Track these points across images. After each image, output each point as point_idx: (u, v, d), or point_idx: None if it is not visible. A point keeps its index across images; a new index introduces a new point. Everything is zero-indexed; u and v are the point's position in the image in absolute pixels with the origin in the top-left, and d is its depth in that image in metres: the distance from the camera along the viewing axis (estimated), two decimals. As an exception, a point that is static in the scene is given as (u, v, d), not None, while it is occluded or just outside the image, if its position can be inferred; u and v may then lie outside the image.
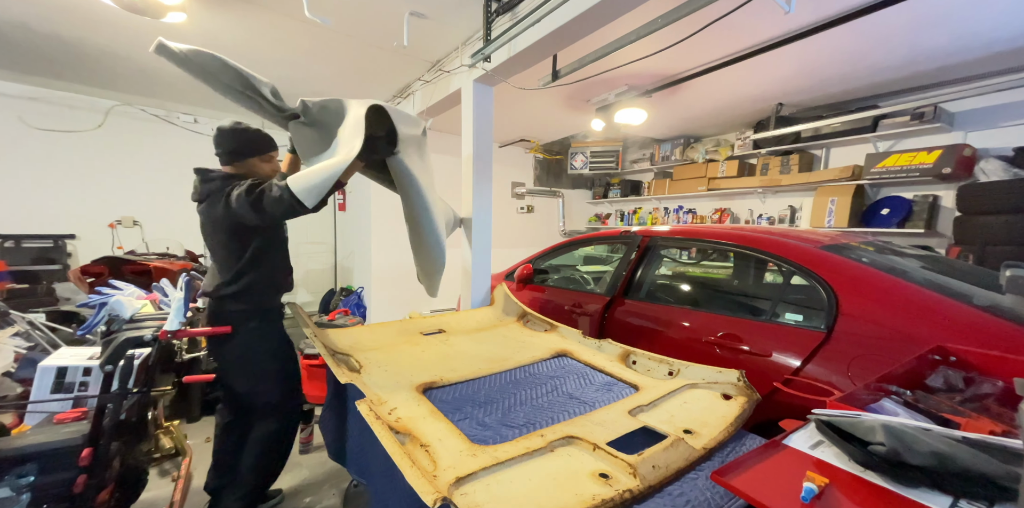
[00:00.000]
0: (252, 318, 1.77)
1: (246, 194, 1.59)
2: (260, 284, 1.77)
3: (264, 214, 1.59)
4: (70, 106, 4.18)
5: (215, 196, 1.67)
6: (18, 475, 1.27)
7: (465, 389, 1.51)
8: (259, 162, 1.83)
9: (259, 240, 1.75)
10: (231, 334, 1.71)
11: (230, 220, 1.66)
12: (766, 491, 0.71)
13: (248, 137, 1.79)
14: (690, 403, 1.39)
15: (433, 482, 0.93)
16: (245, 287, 1.73)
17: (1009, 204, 3.01)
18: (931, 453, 0.69)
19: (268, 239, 1.79)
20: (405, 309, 2.94)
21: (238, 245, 1.73)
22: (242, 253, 1.73)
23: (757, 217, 4.97)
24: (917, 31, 2.73)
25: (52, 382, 1.65)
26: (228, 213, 1.63)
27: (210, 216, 1.70)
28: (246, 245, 1.73)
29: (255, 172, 1.82)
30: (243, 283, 1.73)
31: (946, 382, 1.08)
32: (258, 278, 1.76)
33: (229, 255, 1.74)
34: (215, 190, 1.68)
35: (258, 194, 1.58)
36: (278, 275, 1.86)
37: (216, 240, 1.75)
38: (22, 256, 3.94)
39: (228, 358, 1.79)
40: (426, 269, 2.16)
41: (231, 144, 1.76)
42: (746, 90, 3.91)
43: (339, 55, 3.35)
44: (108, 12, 2.68)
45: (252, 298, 1.77)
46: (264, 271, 1.78)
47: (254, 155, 1.80)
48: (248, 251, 1.73)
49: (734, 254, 2.48)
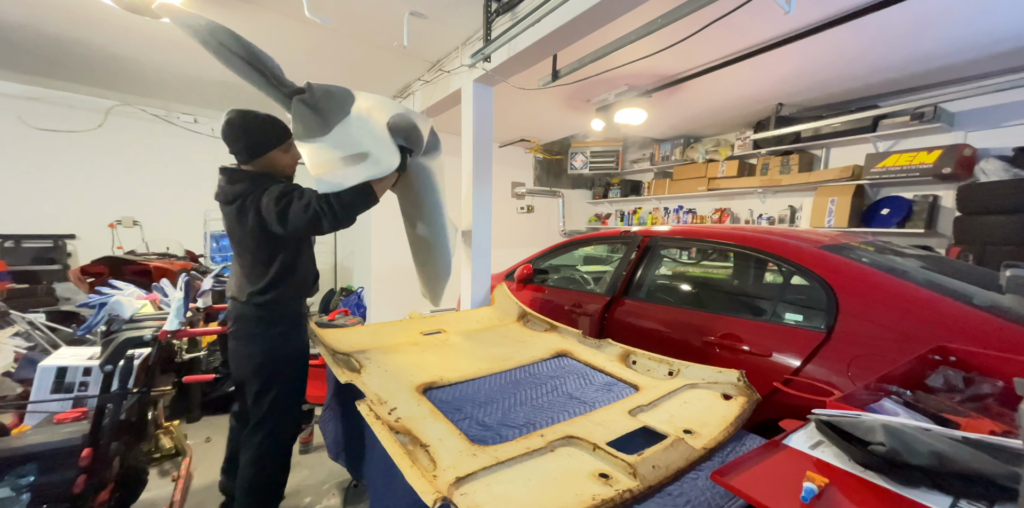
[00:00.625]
0: (279, 323, 1.71)
1: (275, 203, 1.50)
2: (290, 292, 1.72)
3: (290, 226, 1.52)
4: (70, 106, 4.17)
5: (245, 201, 1.57)
6: (18, 475, 1.27)
7: (465, 389, 1.51)
8: (279, 154, 1.69)
9: (290, 249, 1.68)
10: (254, 338, 1.66)
11: (261, 229, 1.58)
12: (766, 491, 0.71)
13: (263, 126, 1.65)
14: (690, 403, 1.39)
15: (433, 482, 0.93)
16: (276, 296, 1.67)
17: (1009, 204, 3.01)
18: (931, 453, 0.69)
19: (298, 247, 1.72)
20: (405, 309, 2.94)
21: (268, 254, 1.65)
22: (271, 261, 1.65)
23: (757, 217, 4.97)
24: (917, 31, 2.73)
25: (52, 382, 1.65)
26: (259, 222, 1.56)
27: (240, 222, 1.61)
28: (276, 253, 1.65)
29: (276, 165, 1.70)
30: (275, 293, 1.66)
31: (946, 382, 1.08)
32: (289, 287, 1.70)
33: (257, 262, 1.66)
34: (243, 194, 1.58)
35: (285, 204, 1.50)
36: (307, 283, 1.81)
37: (244, 246, 1.67)
38: (22, 256, 3.93)
39: (250, 363, 1.69)
40: (432, 275, 2.11)
41: (248, 137, 1.62)
42: (746, 90, 3.91)
43: (339, 55, 3.35)
44: (108, 12, 2.68)
45: (281, 305, 1.71)
46: (295, 280, 1.72)
47: (275, 146, 1.66)
48: (278, 260, 1.65)
49: (734, 254, 2.49)
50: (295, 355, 1.76)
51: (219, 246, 5.02)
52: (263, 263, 1.65)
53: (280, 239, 1.62)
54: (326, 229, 1.51)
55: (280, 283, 1.67)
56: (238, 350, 1.72)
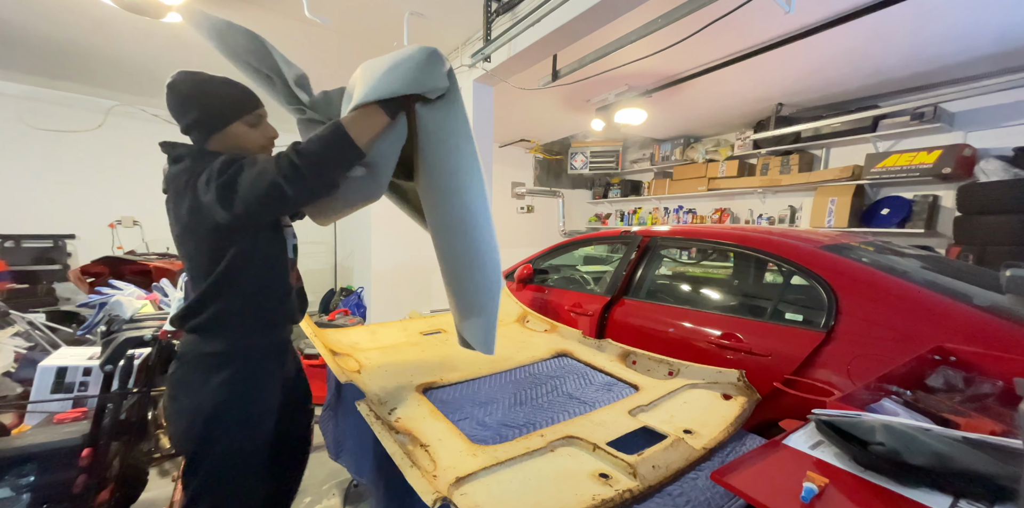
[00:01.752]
0: (222, 365, 1.15)
1: (217, 175, 1.04)
2: (243, 311, 1.17)
3: (238, 205, 1.03)
4: (70, 106, 4.18)
5: (182, 183, 1.10)
6: (18, 475, 1.27)
7: (465, 389, 1.51)
8: (244, 127, 1.20)
9: (244, 243, 1.14)
10: (185, 387, 1.16)
11: (200, 219, 1.09)
12: (766, 491, 0.71)
13: (220, 90, 1.18)
14: (690, 403, 1.39)
15: (433, 482, 0.93)
16: (216, 315, 1.15)
17: (1009, 204, 3.01)
18: (931, 453, 0.69)
19: (255, 240, 1.16)
20: (405, 309, 2.94)
21: (210, 250, 1.13)
22: (215, 260, 1.13)
23: (757, 217, 4.97)
24: (917, 31, 2.73)
25: (52, 382, 1.65)
26: (197, 208, 1.08)
27: (175, 214, 1.14)
28: (222, 248, 1.13)
29: (242, 145, 1.20)
30: (215, 310, 1.14)
31: (946, 382, 1.08)
32: (238, 300, 1.16)
33: (196, 268, 1.16)
34: (181, 174, 1.11)
35: (232, 173, 1.04)
36: (268, 299, 1.21)
37: (184, 250, 1.18)
38: (22, 256, 3.94)
39: (177, 422, 1.18)
40: (479, 300, 1.34)
41: (200, 105, 1.15)
42: (746, 90, 3.91)
43: (339, 55, 3.35)
44: (108, 12, 2.68)
45: (227, 331, 1.17)
46: (252, 290, 1.17)
47: (238, 117, 1.18)
48: (226, 257, 1.13)
49: (734, 254, 2.48)
50: (246, 415, 1.17)
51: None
52: (202, 267, 1.15)
53: (229, 231, 1.11)
54: (291, 198, 1.03)
55: (225, 293, 1.14)
56: (165, 403, 1.27)
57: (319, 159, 1.04)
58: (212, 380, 1.14)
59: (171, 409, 1.19)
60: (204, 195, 1.05)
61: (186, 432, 1.15)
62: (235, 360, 1.17)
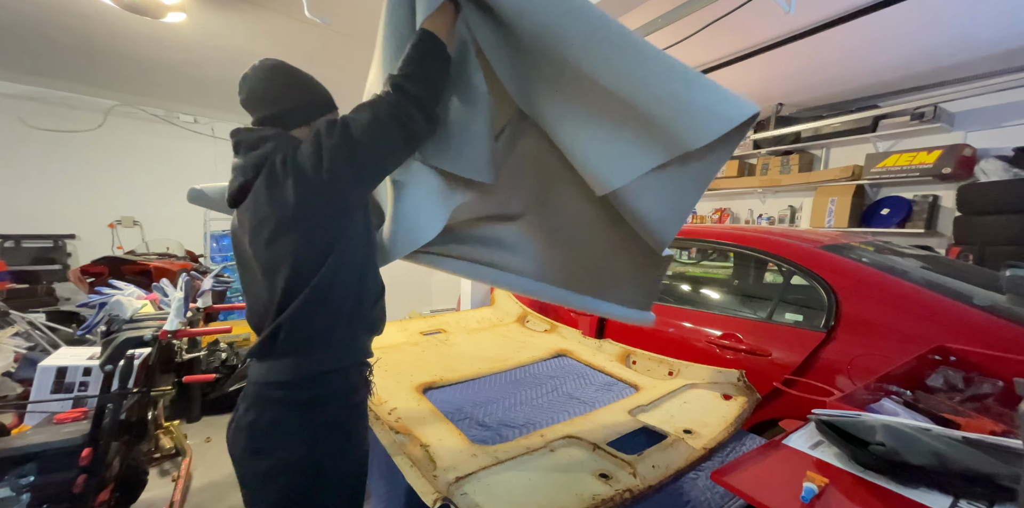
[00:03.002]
0: (326, 399, 0.91)
1: (327, 136, 0.88)
2: (344, 322, 0.93)
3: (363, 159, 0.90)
4: (70, 106, 4.18)
5: (277, 164, 0.89)
6: (18, 475, 1.27)
7: (465, 389, 1.51)
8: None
9: (348, 235, 0.93)
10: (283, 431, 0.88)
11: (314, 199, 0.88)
12: (766, 491, 0.71)
13: (319, 87, 1.07)
14: (690, 403, 1.39)
15: (433, 482, 0.93)
16: (319, 332, 0.91)
17: (1009, 204, 3.01)
18: (931, 453, 0.69)
19: (358, 231, 0.97)
20: (405, 309, 2.94)
21: (318, 247, 0.90)
22: (320, 261, 0.89)
23: (757, 217, 4.97)
24: (917, 31, 2.73)
25: (52, 382, 1.65)
26: (307, 182, 0.87)
27: (273, 203, 0.89)
28: (330, 243, 0.91)
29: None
30: (317, 323, 0.91)
31: (946, 382, 1.08)
32: (343, 308, 0.93)
33: (297, 269, 0.89)
34: (273, 153, 0.92)
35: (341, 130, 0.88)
36: (369, 300, 0.99)
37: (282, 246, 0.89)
38: (22, 256, 3.94)
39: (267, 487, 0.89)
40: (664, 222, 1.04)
41: (304, 96, 1.03)
42: (746, 90, 3.91)
43: (339, 55, 3.35)
44: (108, 12, 2.68)
45: (337, 350, 0.93)
46: (351, 293, 0.94)
47: (323, 114, 1.05)
48: (334, 253, 0.90)
49: (734, 254, 2.48)
50: (360, 459, 0.95)
51: (219, 246, 5.03)
52: (307, 264, 0.89)
53: (344, 212, 0.93)
54: (422, 127, 0.92)
55: (333, 295, 0.91)
56: (244, 461, 0.90)
57: (429, 69, 0.91)
58: (316, 420, 0.88)
59: (253, 468, 0.89)
60: (317, 165, 0.87)
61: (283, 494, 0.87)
62: (335, 386, 0.92)
